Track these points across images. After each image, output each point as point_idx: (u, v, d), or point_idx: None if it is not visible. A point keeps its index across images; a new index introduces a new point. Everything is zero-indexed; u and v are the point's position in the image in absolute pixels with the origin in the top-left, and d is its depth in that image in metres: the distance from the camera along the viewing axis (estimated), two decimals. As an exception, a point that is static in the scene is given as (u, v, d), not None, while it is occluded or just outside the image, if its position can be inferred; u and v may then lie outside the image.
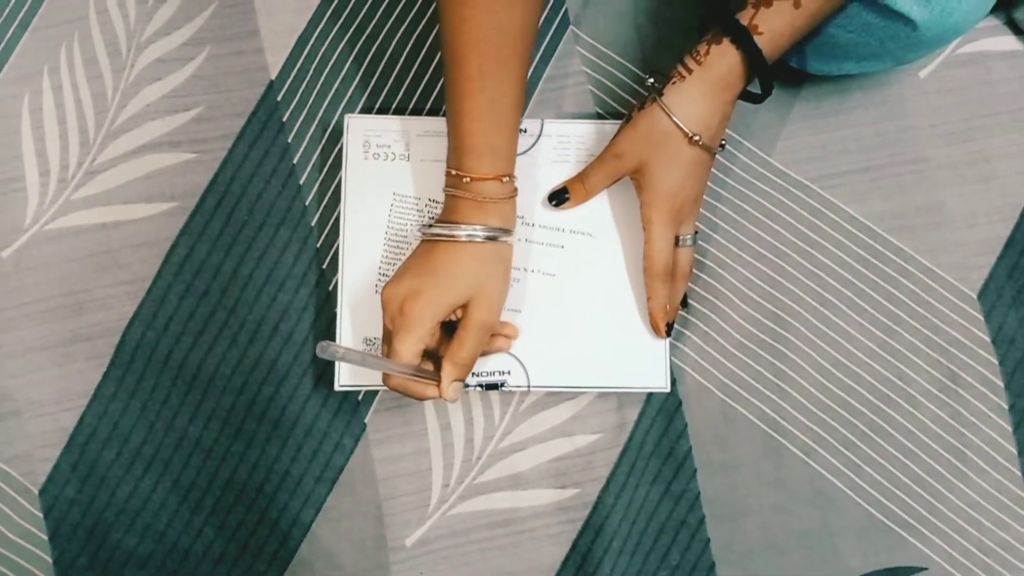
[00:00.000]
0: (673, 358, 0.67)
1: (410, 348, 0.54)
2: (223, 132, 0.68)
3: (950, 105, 0.71)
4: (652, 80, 0.60)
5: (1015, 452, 0.67)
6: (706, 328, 0.68)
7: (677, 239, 0.62)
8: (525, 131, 0.66)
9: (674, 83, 0.58)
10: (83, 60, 0.69)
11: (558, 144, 0.66)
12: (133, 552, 0.65)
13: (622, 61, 0.71)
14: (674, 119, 0.57)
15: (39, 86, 0.69)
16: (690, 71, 0.57)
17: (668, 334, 0.64)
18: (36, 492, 0.65)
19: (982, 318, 0.69)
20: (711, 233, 0.69)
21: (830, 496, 0.67)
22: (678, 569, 0.66)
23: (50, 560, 0.65)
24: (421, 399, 0.56)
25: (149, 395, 0.66)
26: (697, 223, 0.64)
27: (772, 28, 0.56)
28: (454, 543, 0.66)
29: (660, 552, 0.66)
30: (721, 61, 0.57)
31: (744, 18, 0.56)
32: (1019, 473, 0.67)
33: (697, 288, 0.69)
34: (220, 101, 0.68)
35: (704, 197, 0.69)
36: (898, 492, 0.67)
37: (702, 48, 0.58)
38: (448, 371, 0.55)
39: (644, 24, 0.71)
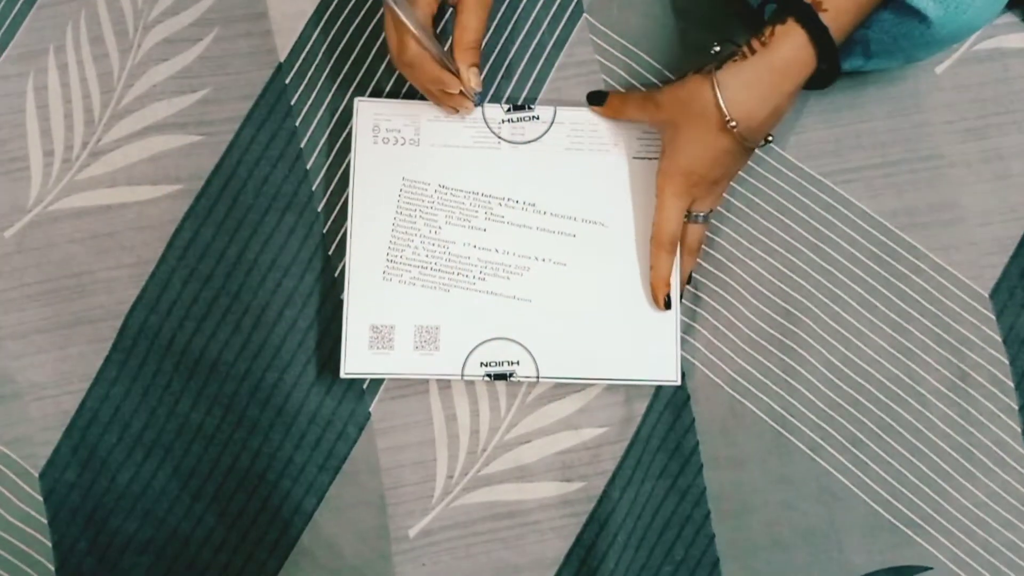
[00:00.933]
0: (683, 352, 0.67)
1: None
2: (230, 114, 0.67)
3: (966, 102, 0.70)
4: (719, 47, 0.59)
5: (1023, 452, 0.67)
6: (716, 322, 0.67)
7: (689, 213, 0.62)
8: (538, 118, 0.65)
9: (735, 61, 0.56)
10: (89, 39, 0.68)
11: (571, 131, 0.65)
12: (133, 537, 0.64)
13: (636, 51, 0.70)
14: (719, 98, 0.56)
15: (44, 64, 0.68)
16: (753, 51, 0.56)
17: (668, 307, 0.63)
18: (36, 475, 0.64)
19: (994, 317, 0.68)
20: (721, 226, 0.68)
21: (836, 494, 0.66)
22: (682, 564, 0.66)
23: (49, 544, 0.64)
24: (452, 106, 0.62)
25: (151, 380, 0.65)
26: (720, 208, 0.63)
27: (836, 4, 0.54)
28: (457, 534, 0.65)
29: (665, 547, 0.66)
30: (786, 42, 0.55)
31: None
32: (1027, 474, 0.67)
33: (707, 282, 0.68)
34: (227, 83, 0.67)
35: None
36: (905, 491, 0.66)
37: (767, 30, 0.55)
38: (461, 57, 0.58)
39: (659, 14, 0.70)
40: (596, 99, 0.66)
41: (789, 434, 0.67)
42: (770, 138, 0.60)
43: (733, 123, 0.56)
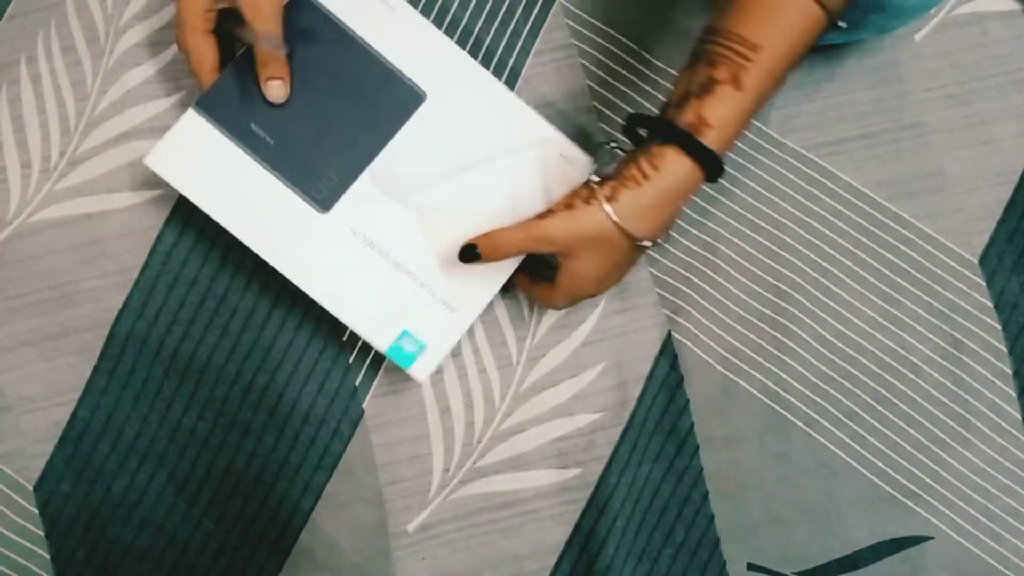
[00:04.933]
0: (674, 333, 0.66)
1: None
2: (207, 117, 0.66)
3: (946, 68, 0.70)
4: (614, 145, 0.58)
5: (1019, 417, 0.67)
6: (705, 302, 0.67)
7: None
8: None
9: (628, 188, 0.53)
10: (61, 47, 0.67)
11: None
12: (131, 546, 0.64)
13: (612, 32, 0.69)
14: (622, 227, 0.54)
15: (17, 76, 0.67)
16: (646, 177, 0.53)
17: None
18: (31, 488, 0.64)
19: (984, 283, 0.68)
20: (707, 206, 0.68)
21: (834, 468, 0.66)
22: (683, 546, 0.66)
23: (47, 556, 0.64)
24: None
25: (141, 387, 0.65)
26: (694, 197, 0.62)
27: (722, 118, 0.51)
28: (456, 527, 0.65)
29: (664, 530, 0.66)
30: (676, 168, 0.52)
31: (687, 114, 0.52)
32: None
33: (695, 262, 0.68)
34: (202, 85, 0.67)
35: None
36: (903, 461, 0.66)
37: (655, 151, 0.53)
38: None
39: None
40: (467, 255, 0.58)
41: (784, 410, 0.66)
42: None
43: (644, 242, 0.55)
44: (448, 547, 0.65)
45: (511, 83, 0.68)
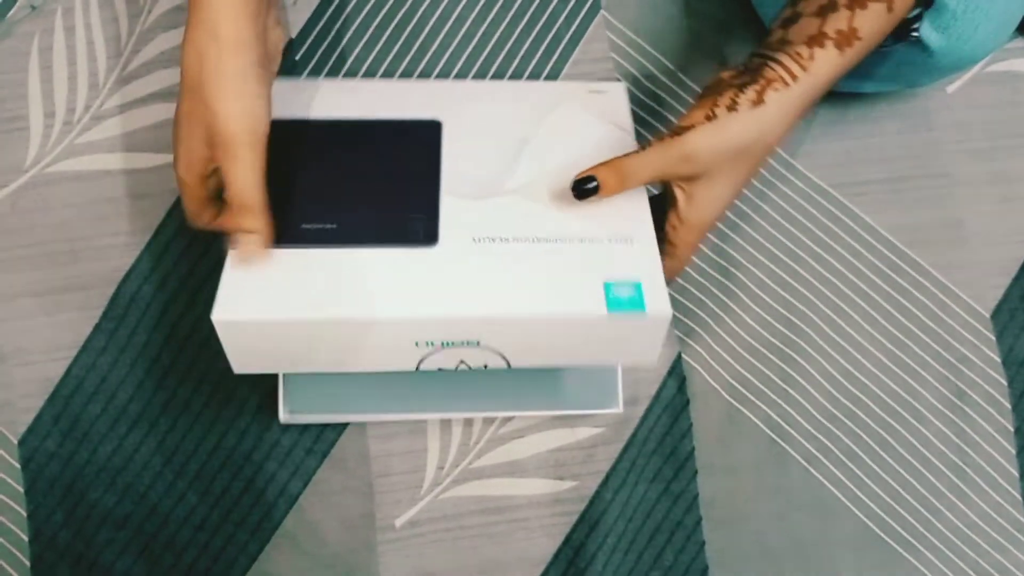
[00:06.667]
0: (684, 355, 0.66)
1: None
2: (238, 87, 0.66)
3: (976, 122, 0.71)
4: (760, 57, 0.50)
5: (1016, 475, 0.67)
6: (717, 328, 0.67)
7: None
8: None
9: (776, 90, 0.48)
10: (99, 2, 0.67)
11: None
12: (111, 512, 0.62)
13: (650, 50, 0.70)
14: (772, 137, 0.49)
15: (51, 25, 0.66)
16: (795, 77, 0.48)
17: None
18: (15, 442, 0.62)
19: (993, 338, 0.68)
20: (728, 232, 0.68)
21: (830, 506, 0.66)
22: (671, 570, 0.65)
23: (24, 513, 0.62)
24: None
25: (140, 351, 0.63)
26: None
27: (870, 31, 0.49)
28: (444, 527, 0.64)
29: (654, 552, 0.65)
30: (827, 67, 0.48)
31: (840, 22, 0.48)
32: (1019, 496, 0.66)
33: (710, 286, 0.67)
34: (238, 55, 0.66)
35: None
36: (898, 507, 0.66)
37: (803, 52, 0.48)
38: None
39: (676, 15, 0.70)
40: (583, 187, 0.51)
41: (785, 444, 0.66)
42: None
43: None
44: (434, 547, 0.63)
45: (546, 88, 0.68)
